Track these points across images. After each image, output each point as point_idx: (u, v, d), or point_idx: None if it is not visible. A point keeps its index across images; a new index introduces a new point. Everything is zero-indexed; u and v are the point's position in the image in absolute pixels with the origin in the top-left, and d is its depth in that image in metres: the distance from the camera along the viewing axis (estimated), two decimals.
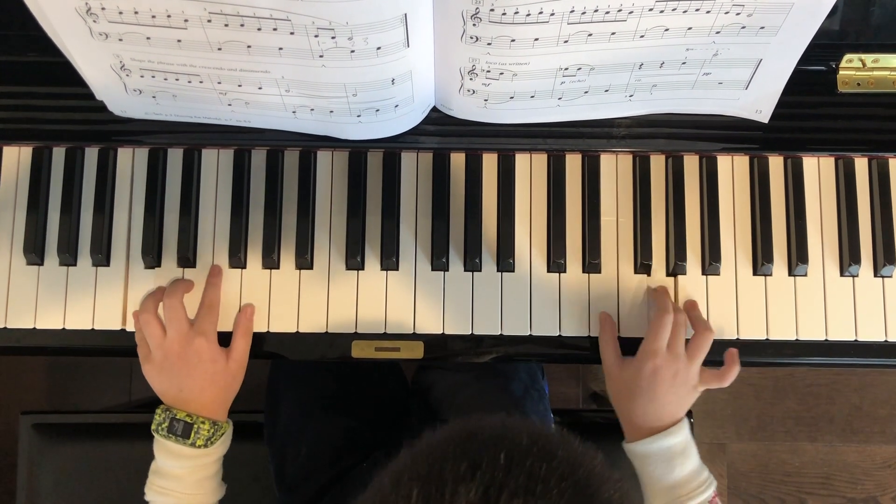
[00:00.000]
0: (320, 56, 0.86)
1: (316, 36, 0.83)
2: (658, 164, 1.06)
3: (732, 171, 1.06)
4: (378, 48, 0.85)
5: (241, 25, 0.83)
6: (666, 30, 0.88)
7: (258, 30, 0.83)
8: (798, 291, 1.04)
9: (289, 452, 1.18)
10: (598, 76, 0.94)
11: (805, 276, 1.04)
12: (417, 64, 0.90)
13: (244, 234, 1.04)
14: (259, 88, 0.92)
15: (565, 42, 0.88)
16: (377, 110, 0.95)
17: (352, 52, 0.85)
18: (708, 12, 0.86)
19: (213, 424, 0.97)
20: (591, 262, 1.04)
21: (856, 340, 1.04)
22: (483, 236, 1.04)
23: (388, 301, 1.04)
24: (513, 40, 0.87)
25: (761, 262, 1.04)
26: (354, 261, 1.03)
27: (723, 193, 1.06)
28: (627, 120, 1.04)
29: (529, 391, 1.21)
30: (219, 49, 0.86)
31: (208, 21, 0.83)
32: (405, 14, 0.82)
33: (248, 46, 0.86)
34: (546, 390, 1.31)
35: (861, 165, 1.06)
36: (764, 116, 1.01)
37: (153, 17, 0.83)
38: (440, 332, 1.03)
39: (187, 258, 1.03)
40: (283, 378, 1.22)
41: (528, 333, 1.03)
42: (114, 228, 1.05)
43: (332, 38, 0.83)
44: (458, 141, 1.04)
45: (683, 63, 0.93)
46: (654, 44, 0.90)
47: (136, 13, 0.83)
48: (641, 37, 0.88)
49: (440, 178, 1.05)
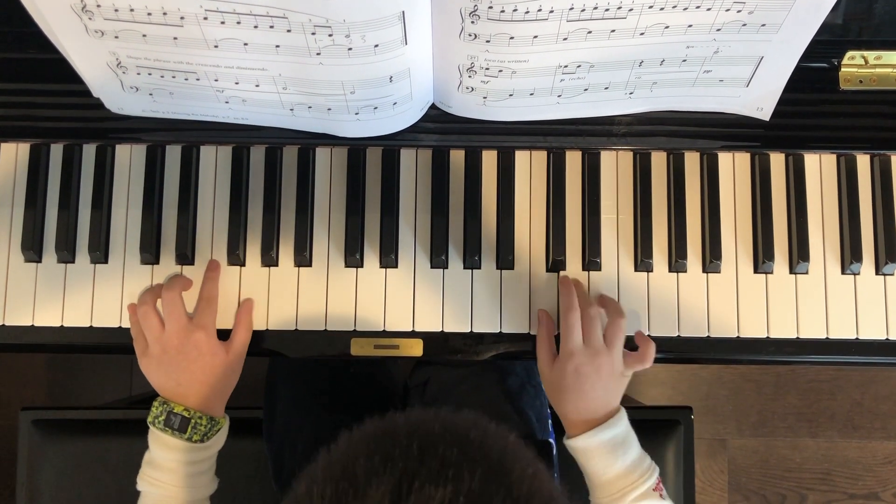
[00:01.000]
0: (317, 54, 0.85)
1: (313, 33, 0.83)
2: (659, 162, 1.06)
3: (733, 169, 1.06)
4: (376, 46, 0.85)
5: (238, 23, 0.83)
6: (666, 27, 0.87)
7: (255, 27, 0.83)
8: (799, 289, 1.04)
9: (286, 449, 1.18)
10: (597, 74, 0.93)
11: (806, 273, 1.04)
12: (416, 61, 0.90)
13: (243, 232, 1.04)
14: (256, 86, 0.92)
15: (564, 39, 0.87)
16: (375, 108, 0.94)
17: (349, 49, 0.84)
18: (709, 9, 0.85)
19: (210, 420, 0.97)
20: (591, 260, 1.03)
21: (857, 339, 1.03)
22: (482, 234, 1.04)
23: (387, 298, 1.03)
24: (512, 38, 0.86)
25: (762, 259, 1.03)
26: (353, 258, 1.03)
27: (724, 191, 1.05)
28: (628, 117, 1.03)
29: (525, 387, 1.21)
30: (215, 46, 0.86)
31: (204, 18, 0.82)
32: (403, 11, 0.82)
33: (245, 44, 0.85)
34: (542, 386, 1.31)
35: (863, 163, 1.05)
36: (765, 114, 1.01)
37: (149, 14, 0.82)
38: (439, 329, 1.03)
39: (186, 255, 1.03)
40: (281, 375, 1.22)
41: (528, 331, 1.03)
42: (112, 225, 1.04)
43: (330, 35, 0.83)
44: (458, 138, 1.04)
45: (684, 60, 0.93)
46: (655, 41, 0.89)
47: (131, 10, 0.82)
48: (641, 34, 0.88)
49: (439, 176, 1.05)
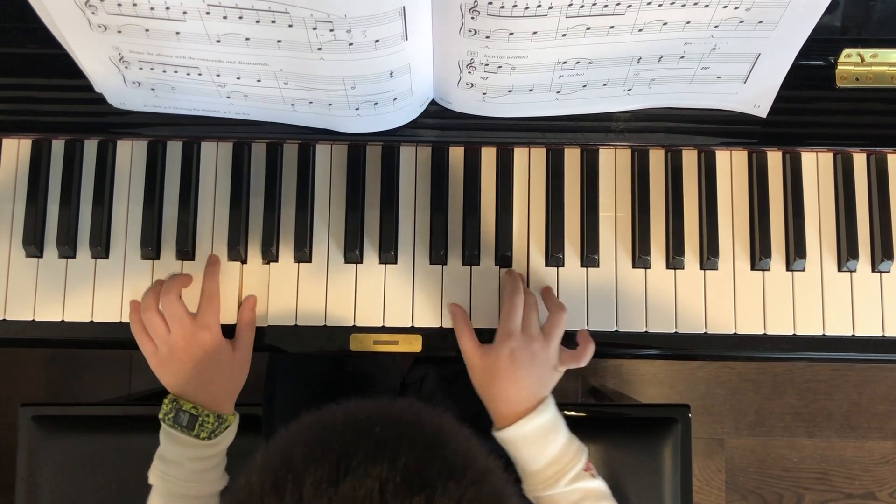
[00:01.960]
0: (318, 49, 0.86)
1: (314, 28, 0.83)
2: (657, 159, 1.06)
3: (731, 166, 1.06)
4: (376, 41, 0.85)
5: (240, 18, 0.83)
6: (664, 24, 0.88)
7: (256, 22, 0.84)
8: (796, 286, 1.05)
9: None
10: (596, 70, 0.94)
11: (803, 271, 1.05)
12: (416, 57, 0.90)
13: (243, 227, 1.04)
14: (258, 81, 0.92)
15: (563, 36, 0.88)
16: (376, 103, 0.95)
17: (350, 44, 0.85)
18: (706, 6, 0.86)
19: (217, 417, 0.97)
20: (589, 257, 1.04)
21: (853, 335, 1.04)
22: (481, 230, 1.04)
23: (386, 294, 1.04)
24: (511, 34, 0.87)
25: (759, 256, 1.04)
26: (353, 254, 1.03)
27: (721, 188, 1.06)
28: (626, 114, 1.04)
29: None
30: (217, 41, 0.87)
31: (207, 13, 0.83)
32: (403, 7, 0.82)
33: (247, 39, 0.86)
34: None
35: (859, 160, 1.06)
36: (762, 111, 1.02)
37: (151, 9, 0.83)
38: (438, 325, 1.03)
39: (186, 251, 1.03)
40: (279, 373, 1.23)
41: None
42: (113, 221, 1.05)
43: (331, 30, 0.83)
44: (457, 134, 1.04)
45: (682, 57, 0.93)
46: (653, 38, 0.90)
47: (134, 5, 0.83)
48: (640, 31, 0.88)
49: (439, 172, 1.05)
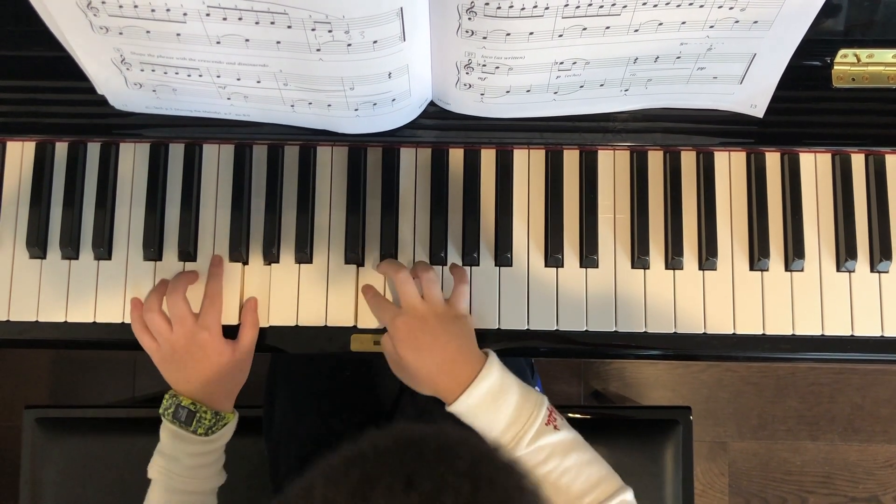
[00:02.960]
0: (317, 50, 0.87)
1: (313, 30, 0.84)
2: (655, 160, 1.07)
3: (729, 167, 1.07)
4: (374, 42, 0.86)
5: (239, 19, 0.84)
6: (660, 24, 0.88)
7: (256, 23, 0.84)
8: (794, 286, 1.05)
9: (282, 449, 1.19)
10: (593, 70, 0.95)
11: (802, 271, 1.05)
12: (414, 58, 0.91)
13: (245, 229, 1.05)
14: (257, 82, 0.93)
15: (560, 36, 0.89)
16: (374, 104, 0.96)
17: (348, 45, 0.86)
18: (701, 6, 0.86)
19: (215, 415, 0.99)
20: (588, 257, 1.04)
21: (852, 336, 1.04)
22: (481, 231, 1.05)
23: (387, 295, 1.04)
24: (508, 34, 0.87)
25: (758, 257, 1.04)
26: (354, 255, 1.04)
27: (720, 189, 1.06)
28: (624, 115, 1.04)
29: None
30: (217, 43, 0.87)
31: (207, 15, 0.84)
32: (401, 8, 0.83)
33: (247, 40, 0.87)
34: (539, 388, 1.31)
35: (858, 160, 1.06)
36: (759, 111, 1.02)
37: (152, 10, 0.84)
38: None
39: (188, 252, 1.04)
40: (280, 375, 1.23)
41: (526, 328, 1.04)
42: (115, 222, 1.06)
43: (329, 31, 0.84)
44: (456, 135, 1.05)
45: (678, 57, 0.94)
46: (649, 38, 0.90)
47: (135, 7, 0.84)
48: (636, 31, 0.89)
49: (438, 173, 1.06)
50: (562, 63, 0.93)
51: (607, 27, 0.88)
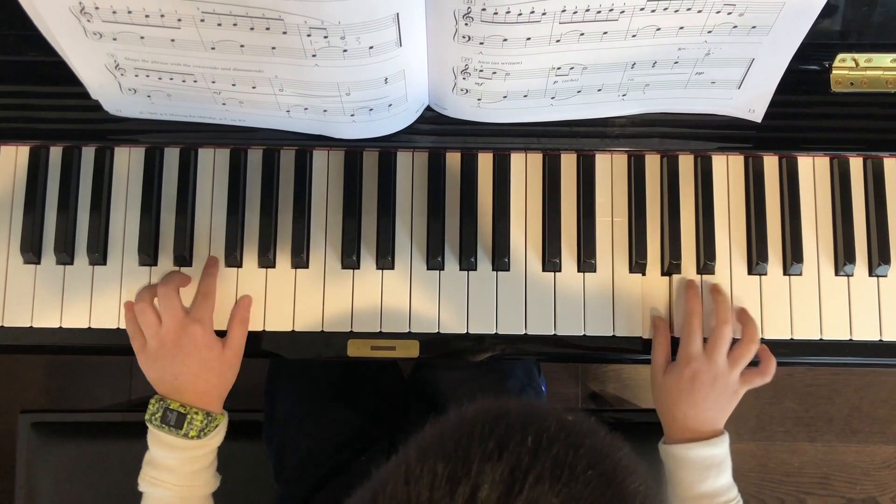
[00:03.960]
0: (313, 55, 0.86)
1: (308, 35, 0.83)
2: (653, 164, 1.06)
3: (727, 171, 1.07)
4: (370, 47, 0.86)
5: (234, 25, 0.84)
6: (658, 29, 0.88)
7: (251, 29, 0.84)
8: (793, 291, 1.05)
9: (287, 446, 1.18)
10: (590, 75, 0.94)
11: (800, 275, 1.05)
12: (410, 63, 0.91)
13: (240, 233, 1.04)
14: (253, 88, 0.93)
15: (557, 41, 0.88)
16: (371, 109, 0.95)
17: (344, 51, 0.85)
18: (699, 12, 0.86)
19: (206, 415, 0.97)
20: (586, 262, 1.04)
21: (851, 340, 1.04)
22: (478, 235, 1.04)
23: (383, 300, 1.04)
24: (505, 40, 0.87)
25: (756, 261, 1.04)
26: (350, 260, 1.03)
27: (718, 193, 1.06)
28: (622, 119, 1.04)
29: (526, 389, 1.21)
30: (212, 48, 0.87)
31: (201, 20, 0.83)
32: (397, 13, 0.83)
33: (241, 46, 0.86)
34: (543, 388, 1.31)
35: (856, 165, 1.06)
36: (757, 116, 1.02)
37: (147, 16, 0.83)
38: (436, 331, 1.03)
39: (184, 257, 1.04)
40: (282, 372, 1.23)
41: (524, 332, 1.04)
42: (110, 227, 1.05)
43: (325, 37, 0.83)
44: (453, 140, 1.04)
45: (676, 62, 0.93)
46: (646, 43, 0.90)
47: (129, 13, 0.83)
48: (633, 36, 0.89)
49: (435, 178, 1.05)
50: (559, 68, 0.92)
51: (605, 32, 0.88)
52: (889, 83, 1.04)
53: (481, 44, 0.88)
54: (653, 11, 0.86)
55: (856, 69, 1.03)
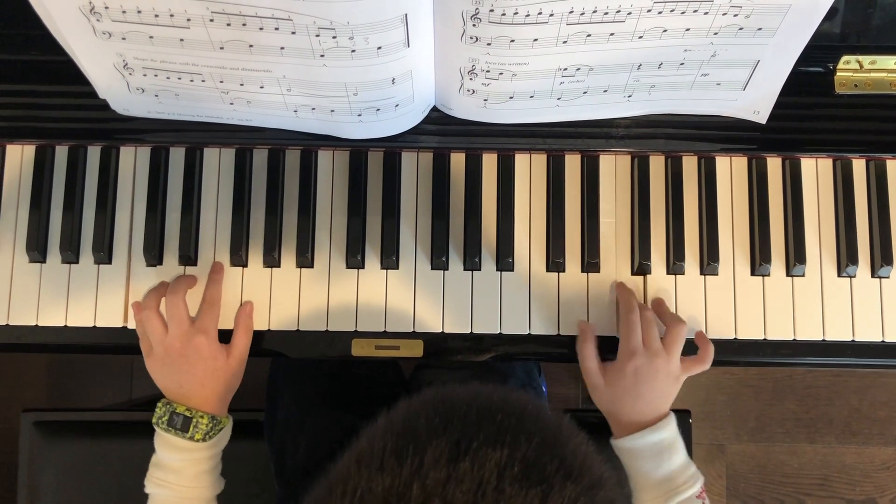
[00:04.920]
0: (321, 56, 0.86)
1: (317, 35, 0.84)
2: (657, 165, 1.07)
3: (731, 172, 1.07)
4: (379, 48, 0.86)
5: (244, 25, 0.84)
6: (664, 31, 0.88)
7: (260, 29, 0.84)
8: (796, 292, 1.05)
9: (288, 447, 1.19)
10: (596, 76, 0.94)
11: (803, 276, 1.05)
12: (418, 64, 0.91)
13: (245, 233, 1.05)
14: (261, 87, 0.93)
15: (564, 42, 0.88)
16: (378, 110, 0.96)
17: (353, 51, 0.86)
18: (706, 13, 0.86)
19: (211, 419, 0.98)
20: (589, 262, 1.04)
21: (853, 341, 1.04)
22: (482, 236, 1.05)
23: (388, 299, 1.04)
24: (512, 41, 0.87)
25: (759, 262, 1.04)
26: (355, 259, 1.04)
27: (721, 194, 1.06)
28: (626, 120, 1.04)
29: (527, 389, 1.22)
30: (221, 48, 0.87)
31: (210, 20, 0.84)
32: (406, 14, 0.83)
33: (250, 46, 0.87)
34: (544, 388, 1.31)
35: (859, 167, 1.07)
36: (762, 117, 1.02)
37: (156, 16, 0.84)
38: (440, 330, 1.04)
39: (189, 256, 1.04)
40: (284, 373, 1.23)
41: (528, 332, 1.04)
42: (116, 226, 1.05)
43: (334, 37, 0.84)
44: (458, 140, 1.05)
45: (682, 64, 0.94)
46: (653, 45, 0.90)
47: (139, 12, 0.83)
48: (640, 38, 0.89)
49: (440, 178, 1.06)
50: (566, 69, 0.92)
51: (612, 34, 0.88)
52: (893, 85, 1.04)
53: (489, 45, 0.88)
54: (659, 13, 0.86)
55: (860, 71, 1.04)
